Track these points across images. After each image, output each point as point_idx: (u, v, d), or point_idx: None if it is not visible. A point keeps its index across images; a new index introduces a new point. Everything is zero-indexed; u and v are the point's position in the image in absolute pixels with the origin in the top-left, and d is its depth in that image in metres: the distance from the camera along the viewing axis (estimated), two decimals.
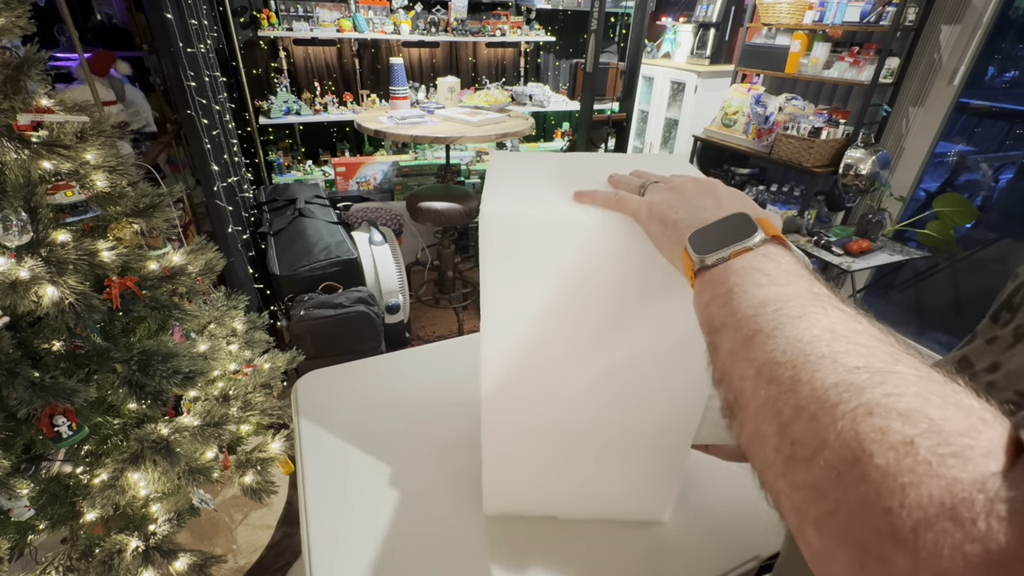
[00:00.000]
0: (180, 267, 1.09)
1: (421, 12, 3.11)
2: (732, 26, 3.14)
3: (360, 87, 3.27)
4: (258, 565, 1.49)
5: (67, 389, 0.86)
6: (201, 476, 1.05)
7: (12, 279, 0.81)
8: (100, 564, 0.98)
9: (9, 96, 0.85)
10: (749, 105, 2.78)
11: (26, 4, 0.86)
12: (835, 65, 2.49)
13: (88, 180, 0.95)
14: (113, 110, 1.92)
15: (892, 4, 2.23)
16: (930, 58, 2.31)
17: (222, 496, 1.64)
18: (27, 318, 0.90)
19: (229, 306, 1.41)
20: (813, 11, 2.53)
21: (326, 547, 0.67)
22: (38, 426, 0.88)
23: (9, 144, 0.84)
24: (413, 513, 0.72)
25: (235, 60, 2.76)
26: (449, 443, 0.84)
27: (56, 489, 0.99)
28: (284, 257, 2.09)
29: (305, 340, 1.92)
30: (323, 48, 3.11)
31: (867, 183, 2.37)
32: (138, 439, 0.99)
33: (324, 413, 0.90)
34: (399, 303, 2.23)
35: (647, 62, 3.44)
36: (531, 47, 3.62)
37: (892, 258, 2.30)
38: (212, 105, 1.90)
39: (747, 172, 3.01)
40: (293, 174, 3.18)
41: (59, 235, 0.90)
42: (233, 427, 1.23)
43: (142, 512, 1.09)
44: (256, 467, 1.29)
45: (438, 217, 2.34)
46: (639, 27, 3.02)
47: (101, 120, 0.98)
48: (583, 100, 3.02)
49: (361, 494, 0.75)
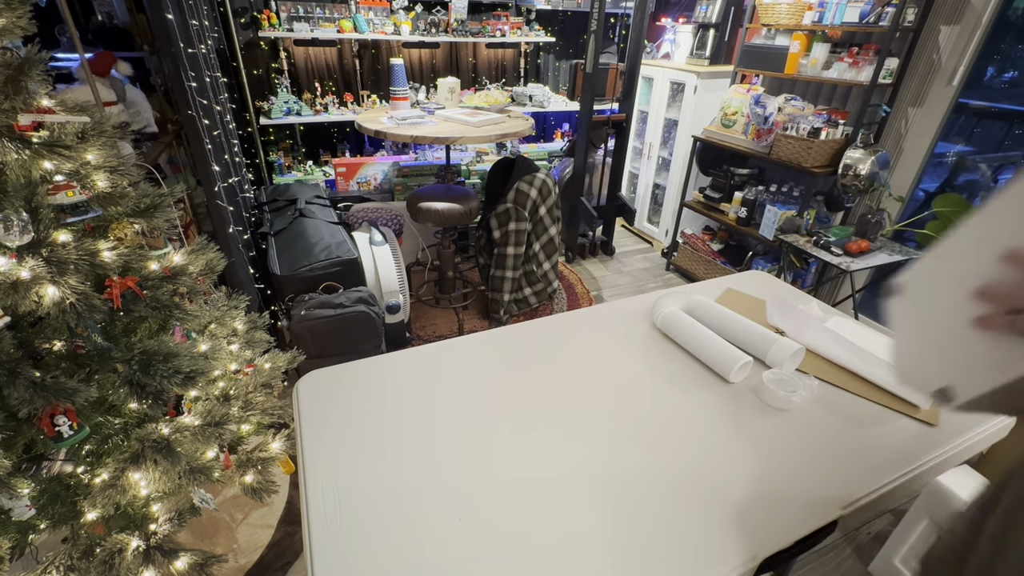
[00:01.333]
0: (181, 267, 1.09)
1: (421, 13, 3.12)
2: (731, 27, 3.14)
3: (360, 88, 3.27)
4: (259, 564, 1.49)
5: (68, 389, 0.86)
6: (202, 475, 1.05)
7: (13, 279, 0.81)
8: (101, 564, 0.98)
9: (10, 96, 0.85)
10: (748, 105, 2.78)
11: (27, 4, 0.86)
12: (834, 66, 2.49)
13: (89, 180, 0.95)
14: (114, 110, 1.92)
15: (891, 4, 2.23)
16: (929, 58, 2.31)
17: (223, 495, 1.64)
18: (28, 318, 0.90)
19: (230, 306, 1.41)
20: (812, 12, 2.53)
21: (327, 546, 0.67)
22: (39, 426, 0.88)
23: (10, 144, 0.84)
24: (414, 513, 0.73)
25: (236, 61, 2.76)
26: (449, 442, 0.84)
27: (57, 489, 0.99)
28: (285, 257, 2.10)
29: (306, 340, 1.93)
30: (324, 49, 3.11)
31: (866, 183, 2.37)
32: (139, 439, 0.99)
33: (325, 413, 0.90)
34: (399, 303, 2.24)
35: (647, 63, 3.44)
36: (531, 48, 3.63)
37: (891, 258, 2.30)
38: (213, 105, 1.90)
39: (746, 172, 3.01)
40: (294, 174, 3.18)
41: (60, 235, 0.90)
42: (234, 427, 1.24)
43: (143, 511, 1.09)
44: (257, 466, 1.29)
45: (438, 217, 2.34)
46: (639, 27, 3.02)
47: (102, 120, 0.98)
48: (583, 100, 3.02)
49: (362, 493, 0.75)
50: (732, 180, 3.02)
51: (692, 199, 3.27)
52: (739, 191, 2.94)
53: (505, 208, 2.41)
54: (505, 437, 0.86)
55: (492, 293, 2.62)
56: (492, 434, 0.87)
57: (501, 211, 2.42)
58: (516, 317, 2.73)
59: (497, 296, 2.60)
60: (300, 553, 1.52)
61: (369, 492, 0.75)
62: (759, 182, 2.98)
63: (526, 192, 2.40)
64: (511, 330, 1.16)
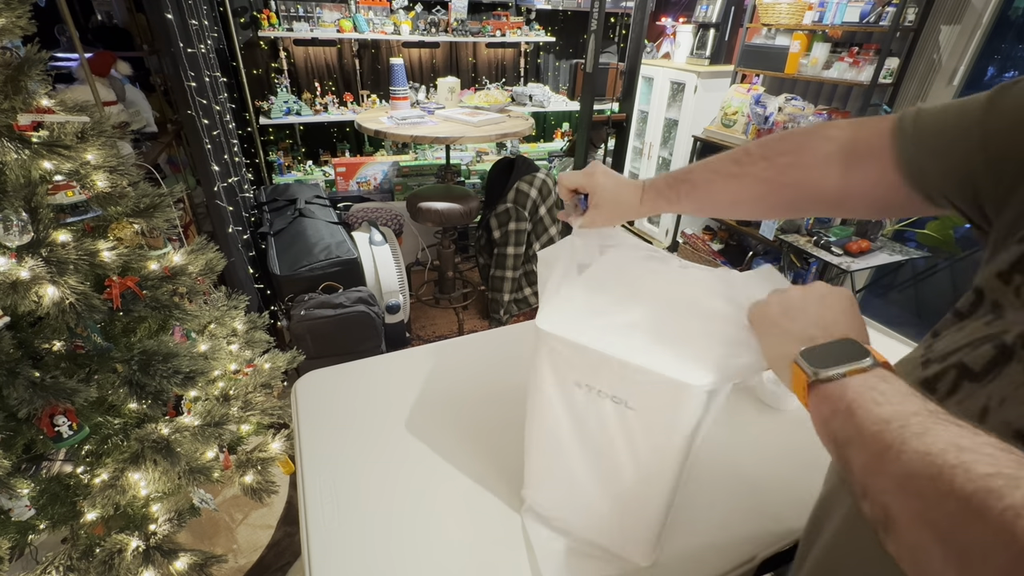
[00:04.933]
0: (180, 267, 1.09)
1: (421, 12, 3.11)
2: (732, 26, 3.14)
3: (360, 87, 3.27)
4: (258, 565, 1.49)
5: (68, 389, 0.86)
6: (201, 476, 1.05)
7: (13, 279, 0.81)
8: (100, 564, 0.98)
9: (10, 96, 0.85)
10: (749, 105, 2.78)
11: (26, 4, 0.86)
12: (835, 65, 2.49)
13: (89, 180, 0.95)
14: (113, 110, 1.92)
15: (892, 4, 2.23)
16: (929, 58, 2.31)
17: (222, 496, 1.64)
18: (28, 318, 0.90)
19: (229, 306, 1.41)
20: (813, 11, 2.53)
21: (326, 547, 0.67)
22: (39, 426, 0.88)
23: (10, 144, 0.84)
24: (412, 512, 0.73)
25: (235, 60, 2.76)
26: (450, 442, 0.84)
27: (57, 489, 0.99)
28: (284, 257, 2.10)
29: (305, 340, 1.93)
30: (323, 48, 3.11)
31: None
32: (138, 439, 0.99)
33: (324, 413, 0.90)
34: (399, 303, 2.24)
35: (647, 62, 3.44)
36: (531, 47, 3.62)
37: (891, 258, 2.30)
38: (212, 105, 1.90)
39: None
40: (293, 174, 3.18)
41: (60, 235, 0.90)
42: (233, 427, 1.24)
43: (142, 512, 1.09)
44: (256, 467, 1.29)
45: (438, 217, 2.34)
46: (639, 27, 3.02)
47: (101, 120, 0.98)
48: (583, 100, 3.02)
49: (361, 494, 0.75)
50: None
51: None
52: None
53: (505, 208, 2.41)
54: (505, 436, 0.86)
55: (492, 293, 2.61)
56: (492, 433, 0.87)
57: (501, 211, 2.42)
58: (516, 317, 2.73)
59: (497, 296, 2.60)
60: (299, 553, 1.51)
61: (368, 492, 0.75)
62: None
63: (526, 192, 2.40)
64: (511, 330, 1.16)
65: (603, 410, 0.56)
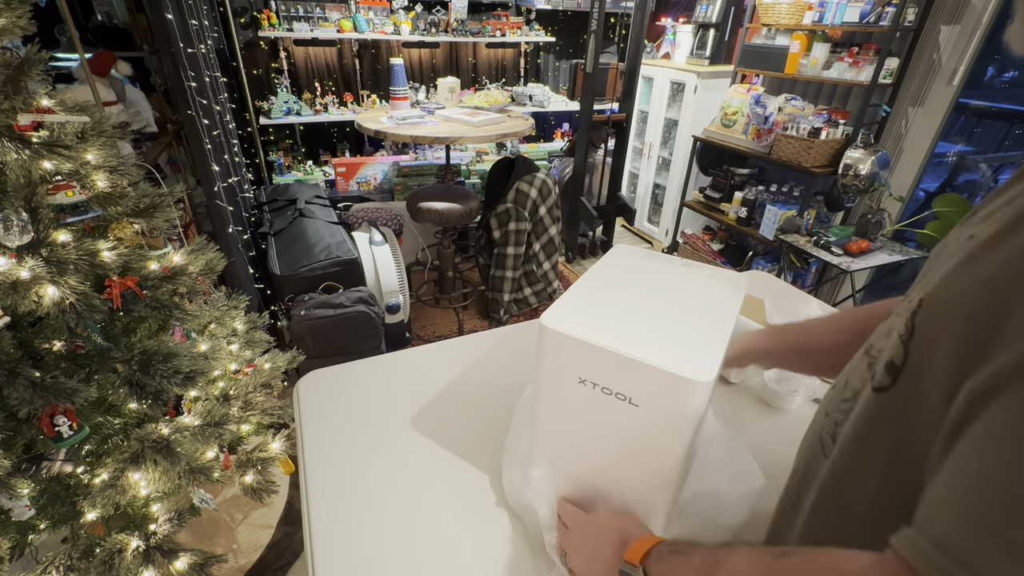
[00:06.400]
0: (181, 267, 1.09)
1: (421, 12, 3.12)
2: (732, 26, 3.14)
3: (360, 87, 3.27)
4: (259, 564, 1.49)
5: (68, 389, 0.86)
6: (202, 476, 1.05)
7: (13, 279, 0.81)
8: (100, 564, 0.98)
9: (10, 96, 0.85)
10: (749, 105, 2.78)
11: (27, 4, 0.86)
12: (834, 65, 2.49)
13: (89, 180, 0.95)
14: (114, 110, 1.92)
15: (891, 4, 2.23)
16: (929, 58, 2.31)
17: (223, 496, 1.64)
18: (28, 318, 0.90)
19: (230, 306, 1.41)
20: (812, 11, 2.53)
21: (327, 546, 0.67)
22: (39, 426, 0.88)
23: (10, 144, 0.84)
24: (414, 512, 0.73)
25: (235, 60, 2.76)
26: (450, 442, 0.84)
27: (57, 489, 0.99)
28: (284, 257, 2.10)
29: (306, 340, 1.93)
30: (323, 48, 3.11)
31: (866, 183, 2.37)
32: (139, 439, 0.99)
33: (325, 413, 0.90)
34: (399, 303, 2.24)
35: (647, 62, 3.44)
36: (531, 47, 3.63)
37: (891, 258, 2.30)
38: (212, 105, 1.90)
39: (746, 172, 3.01)
40: (293, 174, 3.18)
41: (60, 235, 0.90)
42: (234, 427, 1.23)
43: (143, 512, 1.09)
44: (257, 467, 1.29)
45: (438, 217, 2.34)
46: (639, 27, 3.02)
47: (102, 120, 0.98)
48: (583, 100, 3.02)
49: (362, 493, 0.75)
50: (732, 180, 3.02)
51: (692, 199, 3.27)
52: (739, 191, 2.94)
53: (505, 208, 2.41)
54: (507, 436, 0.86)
55: (492, 293, 2.62)
56: (493, 433, 0.87)
57: (501, 211, 2.42)
58: (516, 317, 2.73)
59: (497, 296, 2.60)
60: (300, 553, 1.52)
61: (370, 492, 0.75)
62: (759, 182, 2.98)
63: (526, 192, 2.40)
64: (511, 330, 1.16)
65: (607, 406, 0.57)
